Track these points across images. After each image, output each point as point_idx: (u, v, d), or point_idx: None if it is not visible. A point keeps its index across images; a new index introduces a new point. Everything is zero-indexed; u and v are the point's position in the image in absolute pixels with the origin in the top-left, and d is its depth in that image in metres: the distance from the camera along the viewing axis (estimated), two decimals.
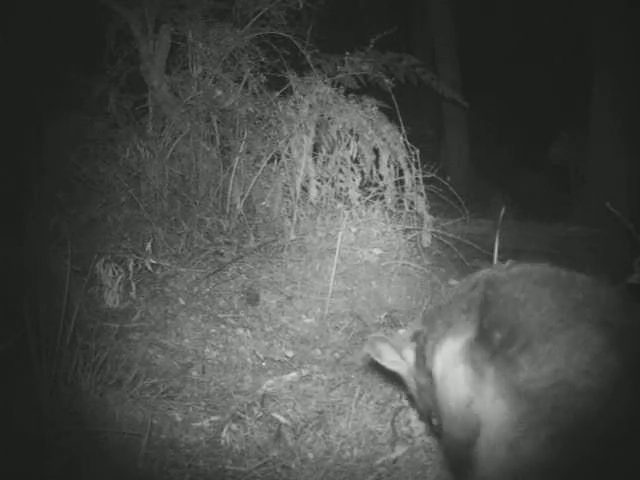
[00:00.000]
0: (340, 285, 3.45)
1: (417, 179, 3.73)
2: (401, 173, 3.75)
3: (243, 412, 2.40)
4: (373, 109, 3.79)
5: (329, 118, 3.78)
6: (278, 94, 3.93)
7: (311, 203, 3.77)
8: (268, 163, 3.88)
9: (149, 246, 3.42)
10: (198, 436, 2.31)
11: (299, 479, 2.13)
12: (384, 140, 3.71)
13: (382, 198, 3.78)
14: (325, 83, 3.82)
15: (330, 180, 3.81)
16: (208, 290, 3.34)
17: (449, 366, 1.34)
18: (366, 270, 3.58)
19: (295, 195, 3.78)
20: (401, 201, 3.80)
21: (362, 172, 3.77)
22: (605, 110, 5.53)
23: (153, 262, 3.34)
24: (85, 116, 3.88)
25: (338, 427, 2.37)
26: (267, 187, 3.88)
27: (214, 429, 2.34)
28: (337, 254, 3.38)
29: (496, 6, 8.44)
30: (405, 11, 9.65)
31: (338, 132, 3.76)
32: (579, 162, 6.02)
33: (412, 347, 1.59)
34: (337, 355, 2.94)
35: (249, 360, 2.86)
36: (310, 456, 2.23)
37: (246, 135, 3.89)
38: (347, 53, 4.00)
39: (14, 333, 2.15)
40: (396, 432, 2.30)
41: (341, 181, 3.81)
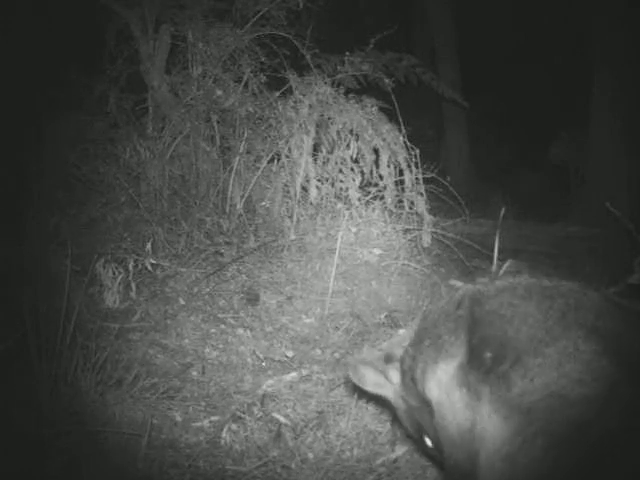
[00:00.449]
0: (340, 285, 3.45)
1: (417, 179, 3.73)
2: (401, 173, 3.75)
3: (243, 412, 2.40)
4: (373, 109, 3.79)
5: (329, 118, 3.78)
6: (278, 94, 3.93)
7: (311, 203, 3.77)
8: (268, 163, 3.88)
9: (149, 246, 3.42)
10: (198, 436, 2.31)
11: (299, 479, 2.13)
12: (384, 140, 3.71)
13: (382, 198, 3.78)
14: (325, 83, 3.82)
15: (330, 180, 3.81)
16: (208, 290, 3.34)
17: (445, 392, 1.34)
18: (366, 270, 3.58)
19: (295, 195, 3.78)
20: (401, 201, 3.80)
21: (362, 172, 3.77)
22: (605, 110, 5.52)
23: (153, 262, 3.34)
24: (85, 116, 3.88)
25: (338, 427, 2.37)
26: (267, 187, 3.88)
27: (214, 429, 2.34)
28: (337, 254, 3.38)
29: (496, 6, 8.43)
30: (405, 11, 9.64)
31: (338, 132, 3.77)
32: (579, 162, 6.01)
33: (397, 367, 1.57)
34: (337, 355, 2.94)
35: (249, 360, 2.86)
36: (310, 456, 2.23)
37: (246, 135, 3.89)
38: (347, 53, 4.00)
39: (14, 333, 2.15)
40: (396, 432, 2.30)
41: (341, 181, 3.81)
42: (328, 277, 3.38)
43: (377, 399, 1.68)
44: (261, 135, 3.92)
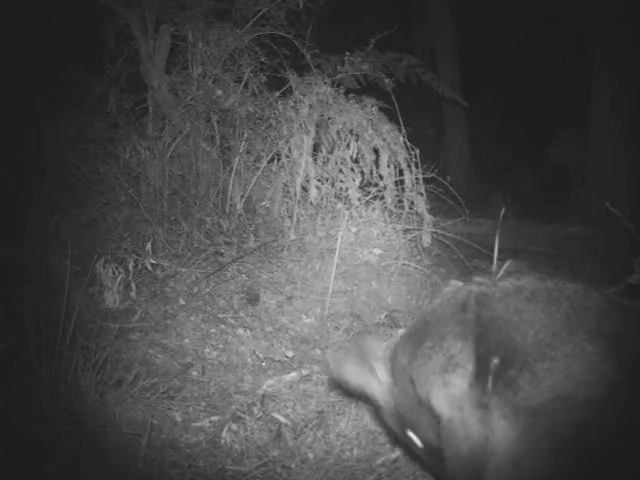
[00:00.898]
0: (340, 285, 3.45)
1: (417, 179, 3.73)
2: (401, 173, 3.75)
3: (243, 412, 2.40)
4: (373, 109, 3.79)
5: (329, 118, 3.78)
6: (278, 94, 3.93)
7: (311, 203, 3.77)
8: (268, 163, 3.88)
9: (149, 246, 3.42)
10: (198, 436, 2.31)
11: (299, 479, 2.13)
12: (384, 140, 3.71)
13: (382, 198, 3.78)
14: (325, 83, 3.82)
15: (330, 180, 3.81)
16: (208, 290, 3.34)
17: (457, 408, 1.32)
18: (366, 270, 3.58)
19: (295, 195, 3.78)
20: (401, 201, 3.80)
21: (362, 172, 3.77)
22: (605, 110, 5.52)
23: (153, 262, 3.34)
24: (85, 116, 3.88)
25: (338, 427, 2.37)
26: (267, 187, 3.88)
27: (214, 429, 2.34)
28: (337, 254, 3.38)
29: (496, 6, 8.43)
30: (405, 11, 9.64)
31: (338, 132, 3.76)
32: (579, 162, 6.01)
33: (383, 361, 1.53)
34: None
35: (249, 360, 2.86)
36: (310, 456, 2.23)
37: (246, 135, 3.89)
38: (347, 53, 4.00)
39: (14, 333, 2.15)
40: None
41: (341, 181, 3.81)
42: (328, 277, 3.38)
43: (359, 395, 1.64)
44: (261, 135, 3.92)
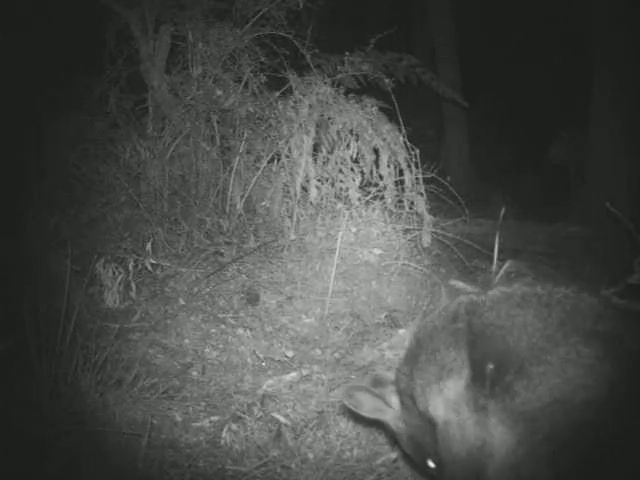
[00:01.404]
0: (340, 285, 3.45)
1: (417, 179, 3.73)
2: (401, 173, 3.75)
3: (243, 412, 2.40)
4: (373, 109, 3.79)
5: (329, 118, 3.78)
6: (278, 94, 3.93)
7: (311, 203, 3.77)
8: (268, 163, 3.88)
9: (149, 246, 3.42)
10: (198, 436, 2.31)
11: (299, 479, 2.13)
12: (384, 140, 3.71)
13: (382, 198, 3.78)
14: (325, 83, 3.82)
15: (330, 180, 3.81)
16: (208, 290, 3.34)
17: (453, 411, 1.33)
18: (366, 270, 3.57)
19: (295, 195, 3.78)
20: (401, 201, 3.80)
21: (362, 172, 3.77)
22: (605, 110, 5.52)
23: (153, 262, 3.35)
24: (85, 116, 3.88)
25: (338, 427, 2.37)
26: (267, 187, 3.88)
27: (214, 429, 2.34)
28: (337, 254, 3.38)
29: (496, 6, 8.43)
30: (405, 11, 9.64)
31: (338, 132, 3.76)
32: (579, 162, 6.01)
33: (394, 391, 1.56)
34: (337, 355, 2.94)
35: (249, 360, 2.86)
36: (310, 456, 2.23)
37: (246, 135, 3.89)
38: (347, 53, 4.00)
39: (14, 333, 2.15)
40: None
41: (341, 181, 3.81)
42: (328, 277, 3.38)
43: (376, 424, 1.64)
44: (261, 135, 3.92)
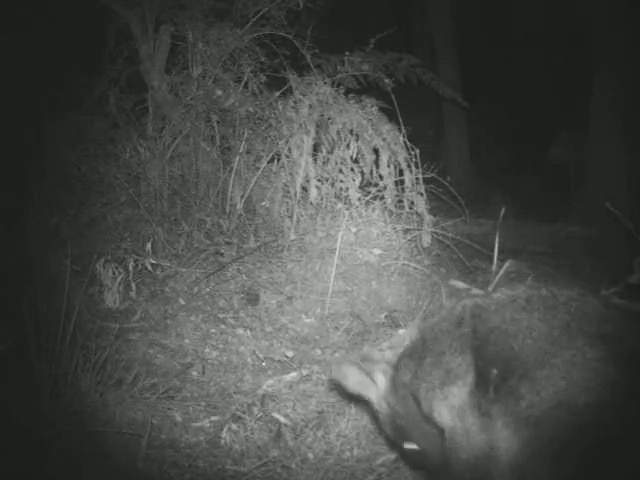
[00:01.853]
0: (340, 285, 3.45)
1: (417, 179, 3.73)
2: (401, 173, 3.75)
3: (243, 412, 2.40)
4: (373, 109, 3.79)
5: (329, 118, 3.78)
6: (278, 94, 3.93)
7: (311, 203, 3.77)
8: (268, 163, 3.88)
9: (149, 246, 3.42)
10: (198, 436, 2.31)
11: (299, 479, 2.13)
12: (384, 140, 3.70)
13: (382, 198, 3.78)
14: (325, 83, 3.82)
15: (330, 180, 3.81)
16: (208, 290, 3.34)
17: (458, 417, 1.33)
18: (366, 270, 3.57)
19: (295, 195, 3.78)
20: (401, 201, 3.80)
21: (362, 172, 3.77)
22: (605, 110, 5.52)
23: (153, 262, 3.34)
24: (85, 116, 3.88)
25: (338, 427, 2.37)
26: (267, 187, 3.88)
27: (214, 429, 2.34)
28: (337, 254, 3.38)
29: (496, 6, 8.43)
30: (405, 11, 9.65)
31: (338, 132, 3.76)
32: (579, 162, 6.02)
33: (382, 370, 1.56)
34: (337, 355, 2.94)
35: (249, 360, 2.86)
36: (310, 456, 2.23)
37: (246, 135, 3.89)
38: (347, 53, 4.00)
39: (14, 333, 2.15)
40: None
41: (341, 181, 3.81)
42: (328, 277, 3.38)
43: (357, 399, 1.65)
44: (261, 135, 3.92)
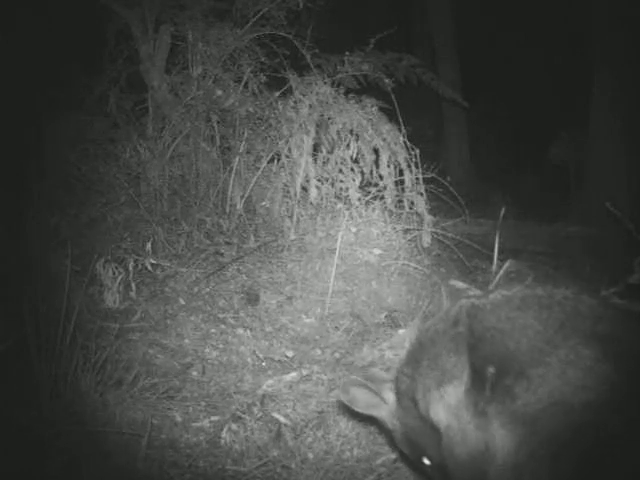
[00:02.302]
0: (340, 285, 3.45)
1: (417, 179, 3.73)
2: (401, 173, 3.75)
3: (243, 412, 2.40)
4: (373, 109, 3.79)
5: (329, 118, 3.78)
6: (278, 94, 3.93)
7: (311, 203, 3.77)
8: (268, 163, 3.88)
9: (149, 246, 3.42)
10: (198, 436, 2.31)
11: (299, 479, 2.13)
12: (384, 140, 3.70)
13: (382, 198, 3.78)
14: (325, 83, 3.82)
15: (330, 180, 3.81)
16: (208, 290, 3.34)
17: (454, 415, 1.33)
18: (366, 270, 3.57)
19: (295, 195, 3.78)
20: (401, 201, 3.80)
21: (362, 172, 3.77)
22: (605, 110, 5.52)
23: (153, 262, 3.34)
24: (85, 116, 3.88)
25: (338, 427, 2.37)
26: (267, 187, 3.88)
27: (214, 429, 2.34)
28: (337, 254, 3.38)
29: (496, 6, 8.43)
30: (405, 11, 9.65)
31: (338, 132, 3.76)
32: (579, 162, 6.02)
33: (391, 388, 1.56)
34: (337, 355, 2.94)
35: (249, 360, 2.86)
36: (310, 456, 2.23)
37: (246, 135, 3.89)
38: (347, 53, 3.99)
39: (14, 333, 2.15)
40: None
41: (341, 181, 3.81)
42: (328, 277, 3.38)
43: (370, 420, 1.65)
44: (261, 135, 3.92)
